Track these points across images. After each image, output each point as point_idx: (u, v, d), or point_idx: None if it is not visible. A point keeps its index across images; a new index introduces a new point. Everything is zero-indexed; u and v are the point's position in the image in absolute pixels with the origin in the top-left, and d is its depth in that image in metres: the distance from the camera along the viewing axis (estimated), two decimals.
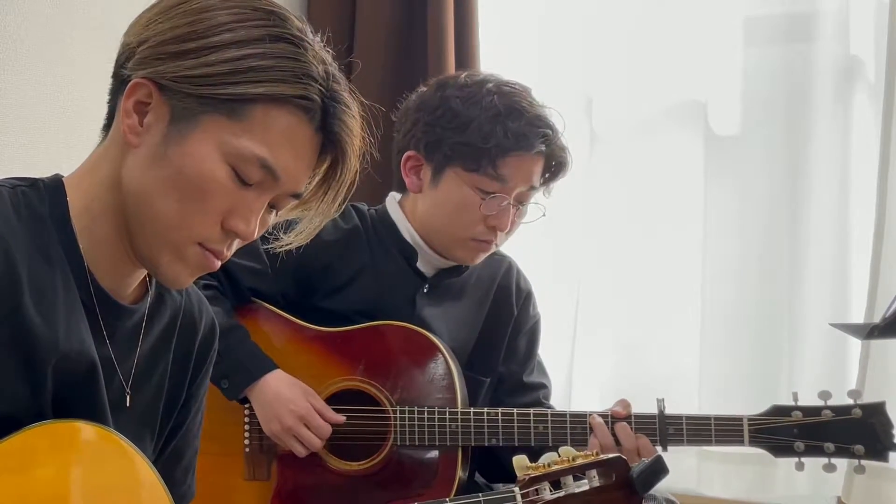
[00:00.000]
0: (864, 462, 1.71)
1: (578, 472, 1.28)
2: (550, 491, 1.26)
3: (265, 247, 1.39)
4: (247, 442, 1.89)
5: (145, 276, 1.21)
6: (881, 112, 2.18)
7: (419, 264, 1.96)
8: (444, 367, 1.87)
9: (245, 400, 1.86)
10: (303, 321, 1.91)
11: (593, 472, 1.27)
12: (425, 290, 1.96)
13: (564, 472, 1.27)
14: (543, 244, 2.56)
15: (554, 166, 1.92)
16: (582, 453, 1.28)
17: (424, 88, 1.96)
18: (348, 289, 1.92)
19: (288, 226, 1.24)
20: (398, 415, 1.84)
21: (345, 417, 1.85)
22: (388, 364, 1.87)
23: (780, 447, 1.74)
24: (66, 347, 1.09)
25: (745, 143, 2.46)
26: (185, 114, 1.08)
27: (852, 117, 2.34)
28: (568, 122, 2.02)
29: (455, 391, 1.85)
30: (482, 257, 1.95)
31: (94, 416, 1.15)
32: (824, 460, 1.73)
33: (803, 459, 1.73)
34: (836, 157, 2.34)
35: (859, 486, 2.11)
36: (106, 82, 1.18)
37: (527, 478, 1.26)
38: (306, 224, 1.21)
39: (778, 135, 2.42)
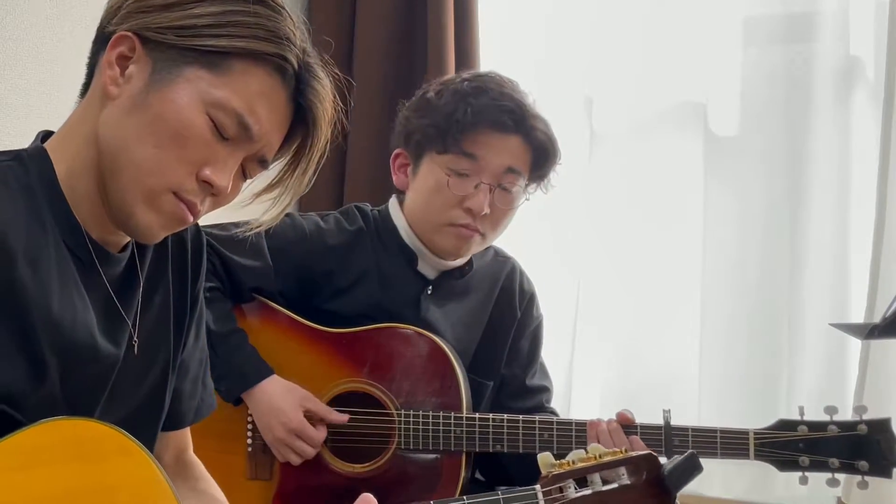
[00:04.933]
0: (867, 478, 1.71)
1: (606, 470, 1.20)
2: (575, 489, 1.19)
3: (236, 230, 1.37)
4: (249, 441, 1.89)
5: None
6: (881, 112, 2.18)
7: (420, 267, 1.95)
8: (450, 371, 1.86)
9: (239, 401, 1.86)
10: (308, 321, 1.91)
11: (622, 470, 1.20)
12: (429, 292, 1.96)
13: (591, 469, 1.19)
14: (543, 244, 2.57)
15: (538, 152, 1.89)
16: (610, 451, 1.21)
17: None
18: (352, 291, 1.92)
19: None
20: (402, 418, 1.84)
21: (347, 417, 1.85)
22: (394, 367, 1.87)
23: (785, 461, 1.75)
24: (59, 317, 1.12)
25: (745, 144, 2.46)
26: (168, 65, 1.12)
27: (852, 117, 2.34)
28: (568, 122, 2.03)
29: (460, 396, 1.85)
30: (467, 247, 1.90)
31: (98, 385, 1.18)
32: (828, 475, 1.73)
33: (807, 474, 1.74)
34: (836, 158, 2.34)
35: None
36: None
37: (550, 475, 1.19)
38: (276, 202, 1.23)
39: (777, 135, 2.42)
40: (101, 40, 1.16)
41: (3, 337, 1.08)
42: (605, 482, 1.20)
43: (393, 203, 2.00)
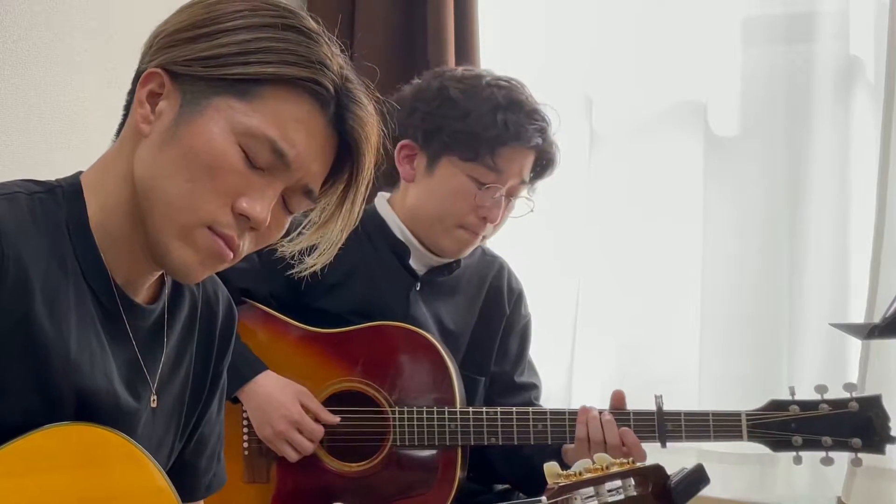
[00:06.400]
0: (861, 455, 1.72)
1: (613, 481, 1.21)
2: (581, 500, 1.19)
3: (289, 273, 1.38)
4: (245, 444, 1.89)
5: (162, 273, 1.20)
6: (881, 112, 2.18)
7: (411, 262, 1.96)
8: (442, 366, 1.86)
9: (236, 400, 1.85)
10: (298, 322, 1.91)
11: (629, 481, 1.21)
12: (417, 288, 1.96)
13: (597, 480, 1.20)
14: (544, 243, 2.57)
15: (544, 163, 1.94)
16: (618, 461, 1.23)
17: (419, 80, 1.97)
18: (341, 289, 1.91)
19: (311, 250, 1.23)
20: (396, 415, 1.85)
21: (339, 418, 1.85)
22: (386, 364, 1.88)
23: (777, 442, 1.76)
24: (77, 359, 1.09)
25: (745, 144, 2.45)
26: (197, 97, 1.08)
27: (852, 117, 2.34)
28: (568, 122, 2.03)
29: (453, 391, 1.85)
30: (467, 250, 1.94)
31: (116, 427, 1.14)
32: (822, 454, 1.73)
33: (801, 453, 1.74)
34: (835, 158, 2.34)
35: (859, 485, 2.11)
36: (106, 82, 1.19)
37: (556, 486, 1.19)
38: (328, 239, 1.19)
39: (778, 135, 2.41)
40: (137, 79, 1.14)
41: (19, 372, 1.05)
42: (611, 493, 1.21)
43: (380, 200, 1.99)
